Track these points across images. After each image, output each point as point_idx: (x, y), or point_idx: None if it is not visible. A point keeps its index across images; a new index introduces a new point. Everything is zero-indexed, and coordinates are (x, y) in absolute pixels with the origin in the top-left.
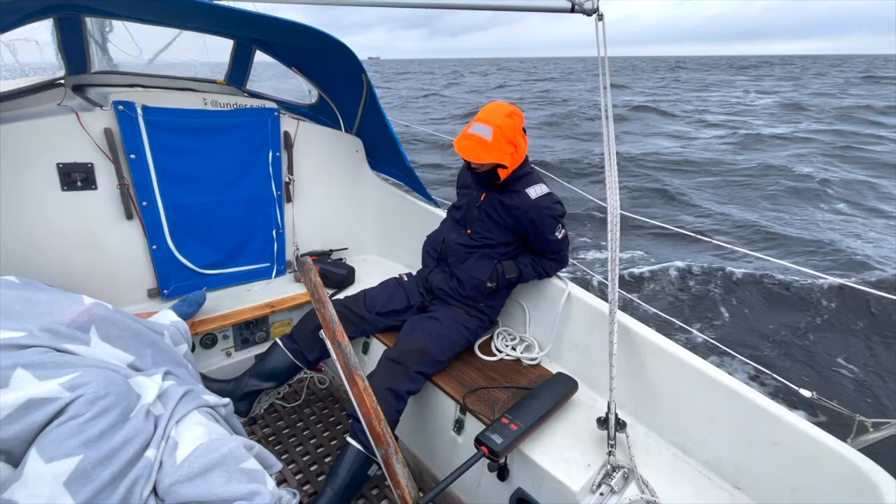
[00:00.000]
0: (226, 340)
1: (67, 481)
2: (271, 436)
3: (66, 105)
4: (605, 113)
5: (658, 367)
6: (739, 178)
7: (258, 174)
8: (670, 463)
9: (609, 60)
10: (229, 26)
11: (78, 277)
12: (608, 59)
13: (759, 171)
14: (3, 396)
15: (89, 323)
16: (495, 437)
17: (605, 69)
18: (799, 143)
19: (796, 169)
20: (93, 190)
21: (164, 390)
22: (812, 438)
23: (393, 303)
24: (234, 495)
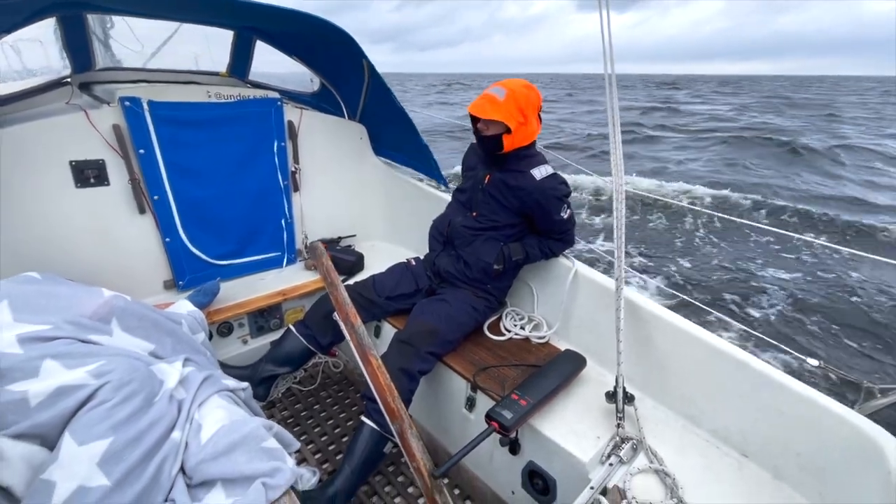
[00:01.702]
0: (241, 328)
1: (101, 462)
2: (290, 418)
3: (74, 103)
4: (610, 89)
5: (665, 340)
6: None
7: (264, 164)
8: (679, 434)
9: (570, 78)
10: (228, 16)
11: (96, 271)
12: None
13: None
14: (35, 385)
15: (110, 314)
16: (505, 413)
17: (610, 41)
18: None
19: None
20: (105, 186)
21: (185, 376)
22: (817, 405)
23: (402, 286)
24: (257, 472)
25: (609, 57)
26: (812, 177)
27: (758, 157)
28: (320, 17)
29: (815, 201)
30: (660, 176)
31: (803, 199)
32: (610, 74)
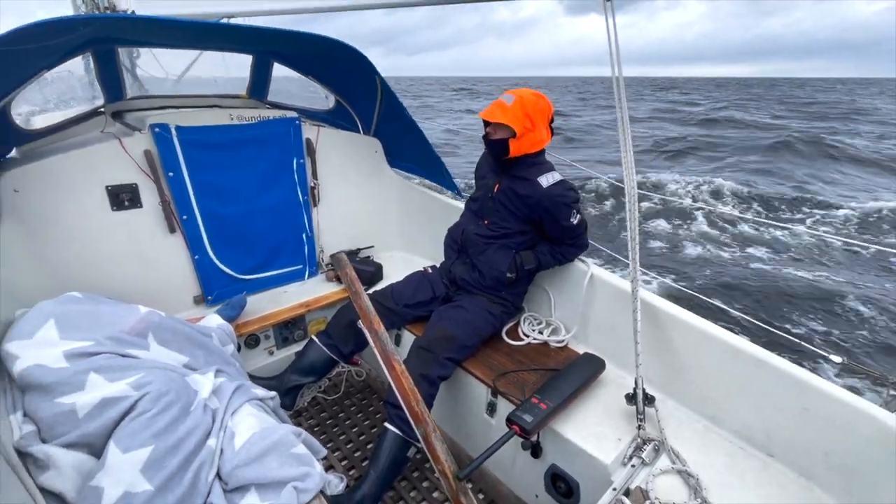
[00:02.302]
0: (267, 340)
1: (143, 468)
2: (316, 426)
3: (108, 132)
4: (618, 93)
5: (684, 340)
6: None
7: (285, 181)
8: (701, 434)
9: (562, 81)
10: (247, 43)
11: (132, 289)
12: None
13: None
14: (82, 398)
15: (147, 330)
16: (526, 416)
17: (618, 53)
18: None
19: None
20: (139, 208)
21: (217, 386)
22: (842, 402)
23: (419, 294)
24: (288, 477)
25: (616, 61)
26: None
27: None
28: (334, 38)
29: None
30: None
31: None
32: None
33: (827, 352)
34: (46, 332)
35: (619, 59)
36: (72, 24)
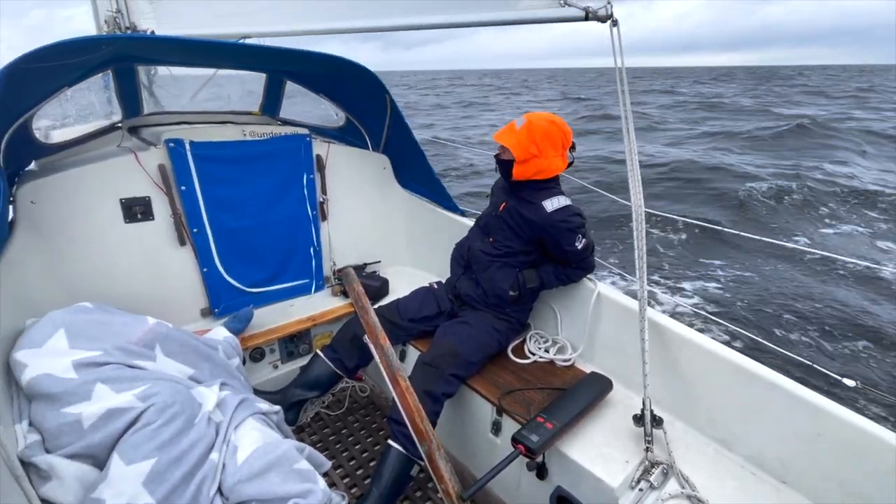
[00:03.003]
0: (272, 354)
1: (146, 481)
2: (318, 442)
3: (124, 146)
4: (626, 114)
5: (693, 362)
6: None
7: (295, 196)
8: (711, 458)
9: (562, 72)
10: (261, 62)
11: (141, 300)
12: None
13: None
14: (88, 408)
15: (154, 341)
16: (532, 436)
17: (624, 75)
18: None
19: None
20: (151, 221)
21: (221, 399)
22: (858, 429)
23: (425, 309)
24: (290, 494)
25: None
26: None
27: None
28: (347, 58)
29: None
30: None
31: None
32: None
33: (840, 375)
34: (56, 341)
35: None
36: (96, 43)
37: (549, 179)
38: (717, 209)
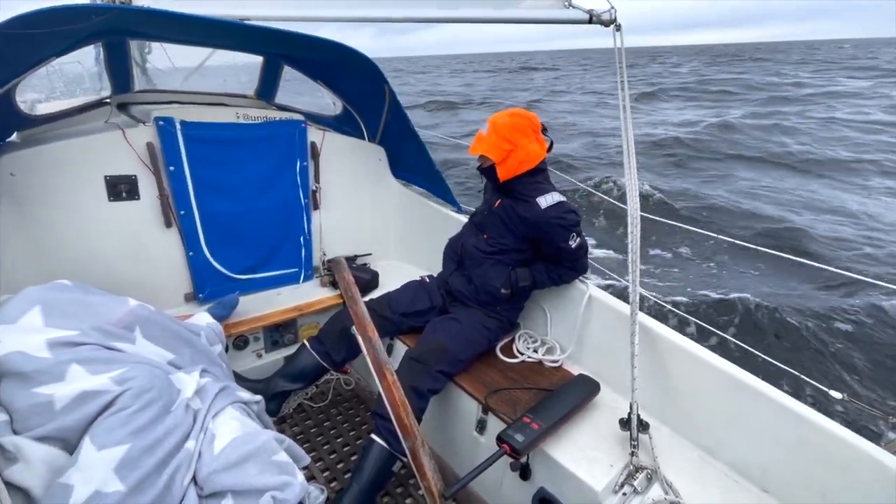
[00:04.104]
0: (257, 342)
1: (117, 467)
2: (300, 434)
3: (112, 122)
4: (624, 113)
5: (681, 368)
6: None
7: (287, 183)
8: (695, 464)
9: (557, 53)
10: (261, 44)
11: (123, 281)
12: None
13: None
14: (61, 389)
15: (134, 323)
16: (517, 436)
17: (624, 77)
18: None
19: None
20: (136, 200)
21: (201, 386)
22: (842, 440)
23: (417, 303)
24: (267, 486)
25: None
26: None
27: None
28: (348, 46)
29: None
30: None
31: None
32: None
33: (827, 386)
34: (31, 318)
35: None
36: (86, 12)
37: (538, 173)
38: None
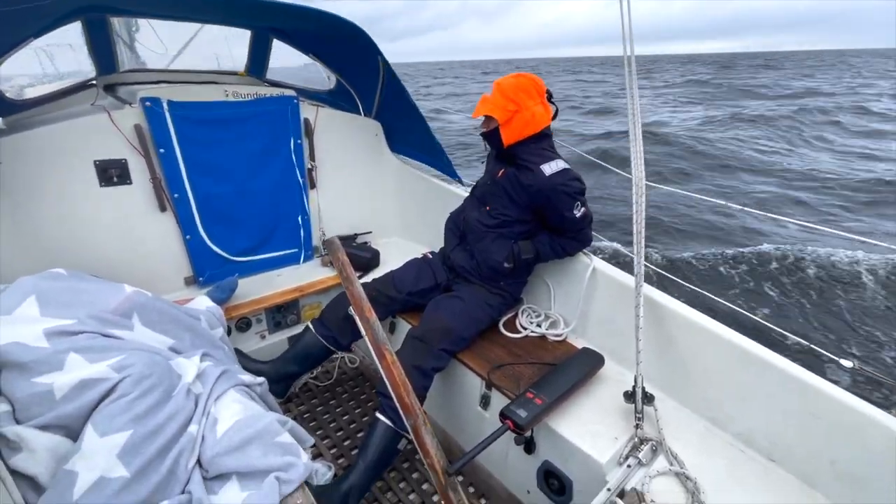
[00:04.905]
0: (259, 324)
1: (120, 453)
2: (306, 413)
3: (98, 104)
4: (630, 83)
5: (687, 340)
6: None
7: (281, 162)
8: (701, 436)
9: (540, 62)
10: (247, 17)
11: (119, 268)
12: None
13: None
14: (60, 378)
15: (132, 310)
16: (520, 411)
17: (632, 43)
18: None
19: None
20: (128, 185)
21: (202, 371)
22: (852, 409)
23: (422, 282)
24: (271, 466)
25: (629, 45)
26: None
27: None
28: (337, 14)
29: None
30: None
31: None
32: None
33: (837, 355)
34: (27, 308)
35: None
36: None
37: (543, 139)
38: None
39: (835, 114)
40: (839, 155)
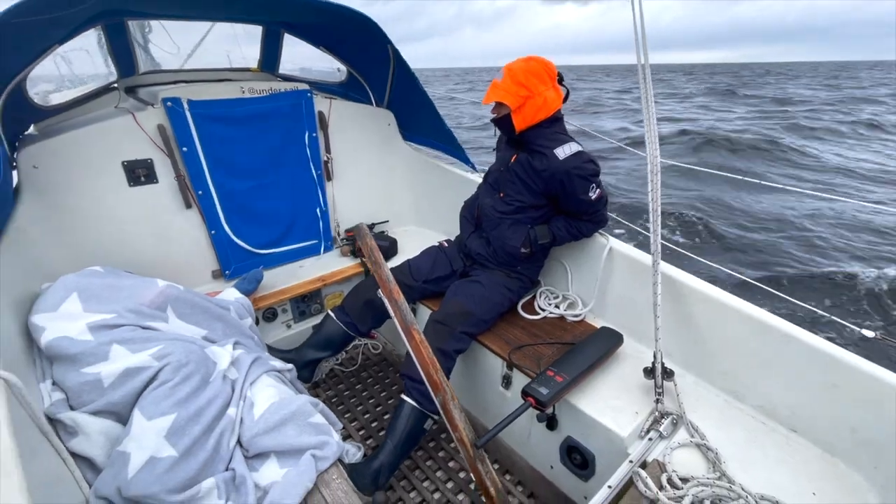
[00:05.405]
0: (285, 314)
1: (167, 435)
2: (333, 397)
3: (122, 107)
4: (642, 63)
5: (705, 314)
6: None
7: (298, 155)
8: (721, 409)
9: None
10: (257, 12)
11: (151, 263)
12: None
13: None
14: (107, 367)
15: (165, 303)
16: (541, 389)
17: (641, 10)
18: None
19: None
20: (155, 184)
21: (235, 358)
22: (874, 377)
23: (437, 269)
24: (306, 445)
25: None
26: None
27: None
28: (345, 6)
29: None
30: None
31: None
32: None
33: (858, 325)
34: (70, 304)
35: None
36: None
37: (555, 123)
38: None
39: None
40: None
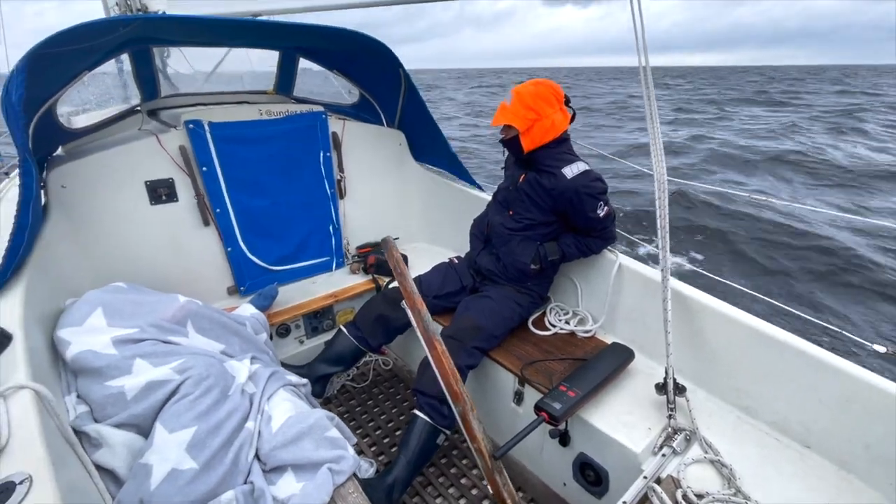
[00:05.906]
0: (298, 329)
1: (188, 447)
2: (345, 414)
3: (145, 129)
4: (646, 81)
5: (716, 330)
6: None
7: (313, 174)
8: (734, 425)
9: (533, 73)
10: (274, 39)
11: (170, 280)
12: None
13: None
14: (130, 381)
15: (186, 318)
16: (554, 403)
17: (643, 23)
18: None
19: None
20: (175, 202)
21: (253, 372)
22: (886, 393)
23: (448, 285)
24: (323, 459)
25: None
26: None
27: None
28: (359, 32)
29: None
30: None
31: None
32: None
33: (870, 341)
34: (95, 319)
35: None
36: (113, 25)
37: (562, 143)
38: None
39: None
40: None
